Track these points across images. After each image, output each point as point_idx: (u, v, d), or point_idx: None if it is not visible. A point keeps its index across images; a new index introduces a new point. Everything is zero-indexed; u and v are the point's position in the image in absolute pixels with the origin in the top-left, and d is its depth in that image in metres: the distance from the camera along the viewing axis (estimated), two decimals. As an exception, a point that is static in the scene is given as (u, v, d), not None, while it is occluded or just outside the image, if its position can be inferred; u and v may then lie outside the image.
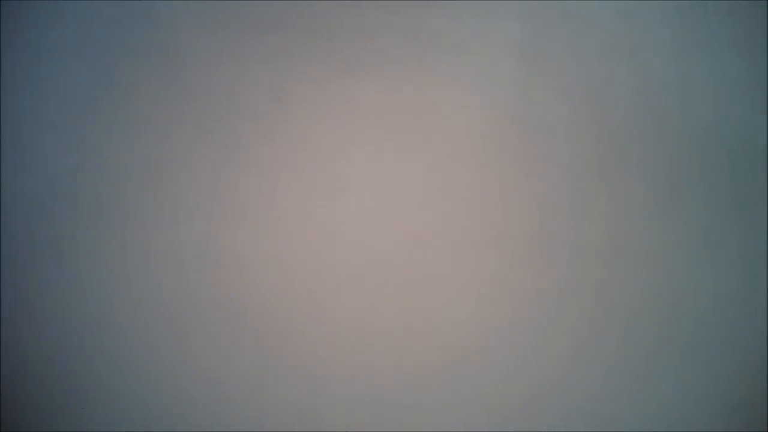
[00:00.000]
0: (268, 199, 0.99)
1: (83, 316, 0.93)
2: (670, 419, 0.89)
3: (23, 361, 0.91)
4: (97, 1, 1.11)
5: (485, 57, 1.08)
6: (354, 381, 0.91)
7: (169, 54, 1.08)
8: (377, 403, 0.90)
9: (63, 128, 1.03)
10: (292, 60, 1.08)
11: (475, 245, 0.97)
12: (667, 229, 0.98)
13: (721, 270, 0.96)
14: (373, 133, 1.03)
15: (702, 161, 1.01)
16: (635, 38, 1.08)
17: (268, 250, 0.97)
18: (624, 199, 0.99)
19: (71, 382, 0.90)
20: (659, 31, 1.09)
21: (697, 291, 0.95)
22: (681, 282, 0.95)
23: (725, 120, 1.03)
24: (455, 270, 0.96)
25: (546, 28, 1.09)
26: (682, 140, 1.02)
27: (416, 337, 0.93)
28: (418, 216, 0.99)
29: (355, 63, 1.07)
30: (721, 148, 1.02)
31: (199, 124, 1.04)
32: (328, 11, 1.11)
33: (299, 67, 1.07)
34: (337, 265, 0.96)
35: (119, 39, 1.08)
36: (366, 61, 1.07)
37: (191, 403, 0.90)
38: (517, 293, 0.95)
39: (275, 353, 0.92)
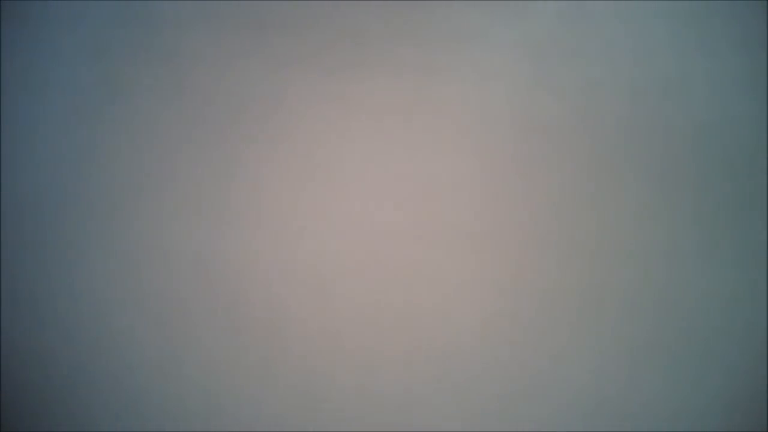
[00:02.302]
0: (265, 199, 0.99)
1: (83, 316, 0.93)
2: (671, 418, 0.89)
3: (23, 361, 0.91)
4: (96, 1, 1.10)
5: (486, 56, 1.08)
6: (354, 379, 0.91)
7: (168, 54, 1.07)
8: (377, 401, 0.90)
9: (62, 128, 1.03)
10: (291, 59, 1.07)
11: (476, 244, 0.97)
12: (667, 228, 0.98)
13: (721, 269, 0.95)
14: (373, 132, 1.03)
15: (703, 160, 1.01)
16: (636, 38, 1.08)
17: (269, 250, 0.96)
18: (625, 197, 0.99)
19: (72, 382, 0.90)
20: (660, 31, 1.09)
21: (697, 290, 0.95)
22: (681, 281, 0.95)
23: (726, 119, 1.03)
24: (456, 268, 0.96)
25: (546, 28, 1.09)
26: (682, 139, 1.02)
27: (417, 338, 0.93)
28: (419, 215, 0.99)
29: (354, 62, 1.07)
30: (722, 147, 1.02)
31: (198, 123, 1.03)
32: (328, 11, 1.11)
33: (299, 67, 1.07)
34: (337, 264, 0.96)
35: (118, 39, 1.08)
36: (366, 61, 1.07)
37: (194, 403, 0.90)
38: (517, 291, 0.95)
39: (276, 351, 0.92)
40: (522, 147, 1.02)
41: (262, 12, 1.11)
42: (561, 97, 1.05)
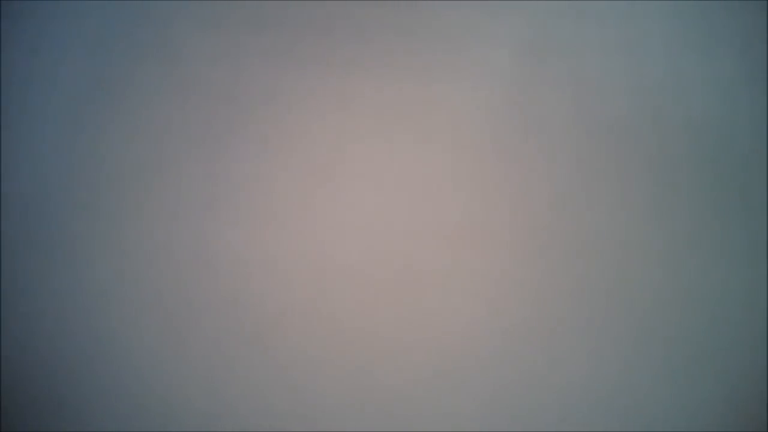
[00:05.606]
0: (264, 197, 0.99)
1: (81, 314, 0.93)
2: (671, 419, 0.89)
3: (22, 361, 0.91)
4: (96, 1, 1.10)
5: (484, 54, 1.08)
6: (352, 381, 0.91)
7: (166, 52, 1.07)
8: (375, 404, 0.90)
9: (61, 126, 1.03)
10: (289, 57, 1.08)
11: (475, 243, 0.97)
12: (666, 228, 0.98)
13: (720, 269, 0.96)
14: (371, 131, 1.03)
15: (702, 159, 1.01)
16: (634, 35, 1.08)
17: (265, 248, 0.97)
18: (623, 196, 0.99)
19: (70, 381, 0.90)
20: (658, 29, 1.09)
21: (696, 290, 0.95)
22: (680, 281, 0.95)
23: (725, 118, 1.03)
24: (455, 269, 0.96)
25: (545, 25, 1.09)
26: (681, 138, 1.02)
27: (416, 337, 0.93)
28: (417, 215, 0.99)
29: (352, 60, 1.07)
30: (721, 146, 1.02)
31: (196, 121, 1.04)
32: (326, 8, 1.11)
33: (297, 65, 1.07)
34: (335, 263, 0.96)
35: (117, 37, 1.08)
36: (364, 59, 1.07)
37: (188, 402, 0.90)
38: (518, 290, 0.95)
39: (272, 351, 0.92)
40: (520, 145, 1.02)
41: (260, 10, 1.11)
42: (559, 96, 1.05)
